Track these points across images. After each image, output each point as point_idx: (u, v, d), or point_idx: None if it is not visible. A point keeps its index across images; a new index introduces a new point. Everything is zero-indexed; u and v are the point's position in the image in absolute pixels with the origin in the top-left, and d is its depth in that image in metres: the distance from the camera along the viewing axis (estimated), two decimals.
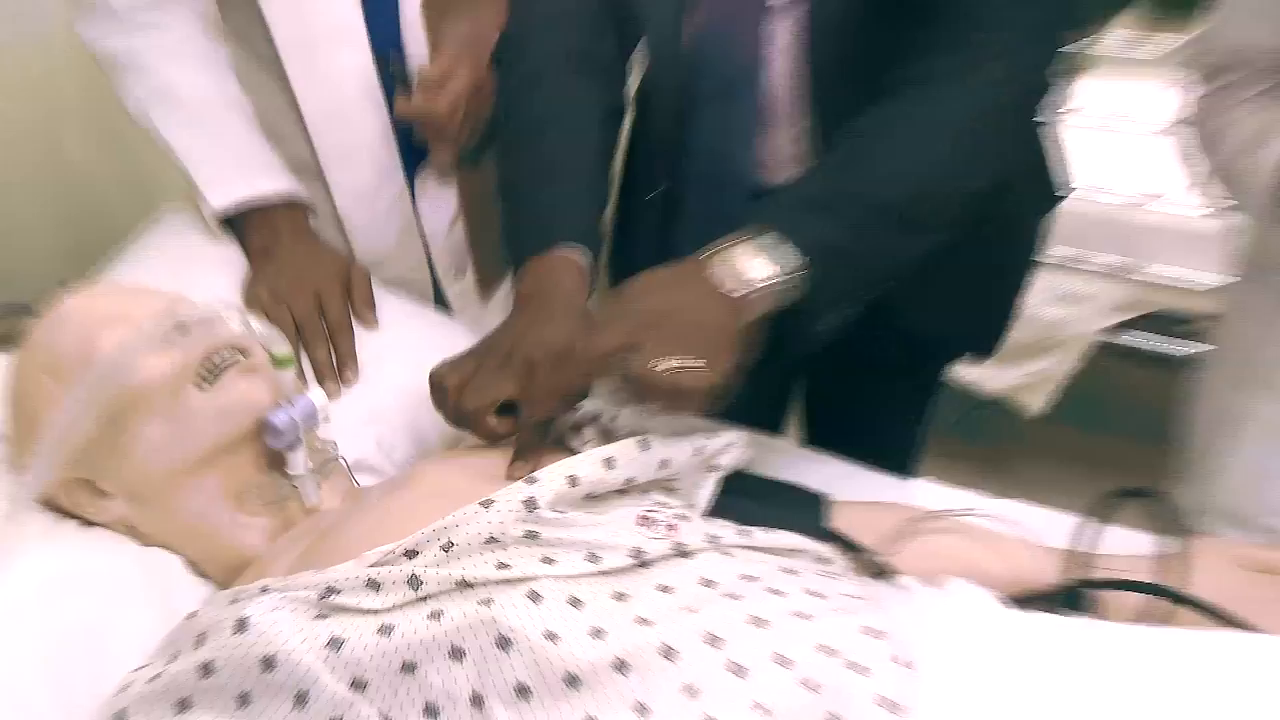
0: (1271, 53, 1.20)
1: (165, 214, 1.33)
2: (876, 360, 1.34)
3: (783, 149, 1.17)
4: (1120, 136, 2.46)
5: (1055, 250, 2.36)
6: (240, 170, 1.27)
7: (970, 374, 2.53)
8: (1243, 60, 1.23)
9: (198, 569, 0.95)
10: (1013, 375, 2.54)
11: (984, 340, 1.40)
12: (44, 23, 1.50)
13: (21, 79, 1.53)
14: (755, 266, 0.94)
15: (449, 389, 0.99)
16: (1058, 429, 2.49)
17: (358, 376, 1.17)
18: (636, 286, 0.98)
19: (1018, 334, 2.47)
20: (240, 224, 1.27)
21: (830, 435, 1.41)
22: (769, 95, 1.14)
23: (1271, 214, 1.17)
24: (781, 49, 1.11)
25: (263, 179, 1.27)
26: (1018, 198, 1.27)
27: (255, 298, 1.19)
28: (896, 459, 1.30)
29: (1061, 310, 2.46)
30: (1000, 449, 2.74)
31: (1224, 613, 0.87)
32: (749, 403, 1.20)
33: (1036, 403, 2.53)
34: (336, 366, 1.16)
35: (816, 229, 0.97)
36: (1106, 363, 2.39)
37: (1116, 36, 3.02)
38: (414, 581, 0.77)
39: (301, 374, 1.09)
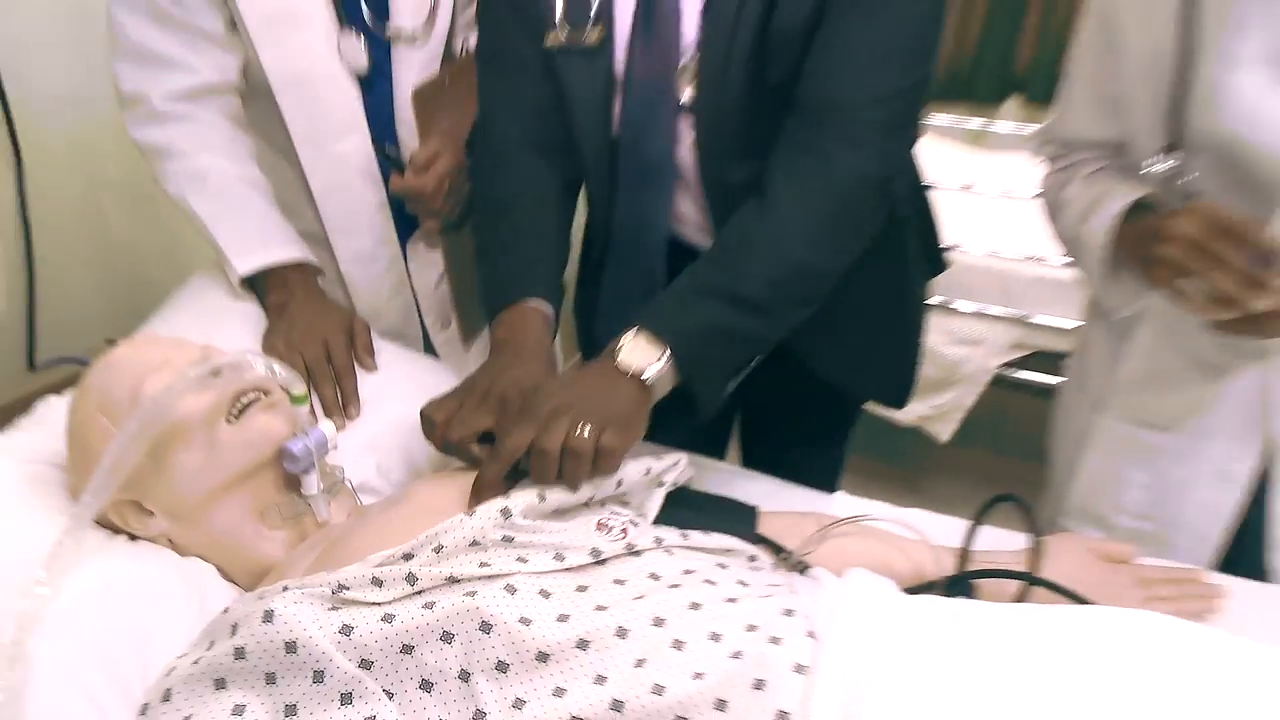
0: (1098, 143, 1.23)
1: (196, 278, 1.33)
2: (803, 399, 1.37)
3: (687, 211, 1.20)
4: (1011, 205, 2.50)
5: (957, 301, 2.44)
6: (260, 240, 1.28)
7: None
8: (1076, 148, 1.26)
9: (227, 575, 0.96)
10: (924, 407, 2.56)
11: (895, 393, 1.41)
12: (94, 113, 1.50)
13: (73, 162, 1.52)
14: (641, 356, 0.97)
15: (437, 422, 1.00)
16: (963, 451, 2.50)
17: (359, 412, 1.17)
18: (562, 381, 1.00)
19: (927, 371, 2.52)
20: (260, 284, 1.27)
21: (763, 458, 1.42)
22: (677, 172, 1.17)
23: (1101, 272, 1.20)
24: (684, 138, 1.14)
25: (278, 247, 1.28)
26: (909, 266, 1.30)
27: (273, 345, 1.20)
28: (821, 478, 1.30)
29: (963, 351, 2.49)
30: (914, 469, 2.76)
31: (1073, 593, 0.92)
32: (696, 432, 1.26)
33: (945, 430, 2.55)
34: (342, 403, 1.17)
35: (686, 322, 1.00)
36: (1002, 394, 2.43)
37: (1007, 122, 3.13)
38: (411, 578, 0.79)
39: (313, 409, 1.08)
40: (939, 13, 1.07)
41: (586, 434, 0.90)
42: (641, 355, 0.97)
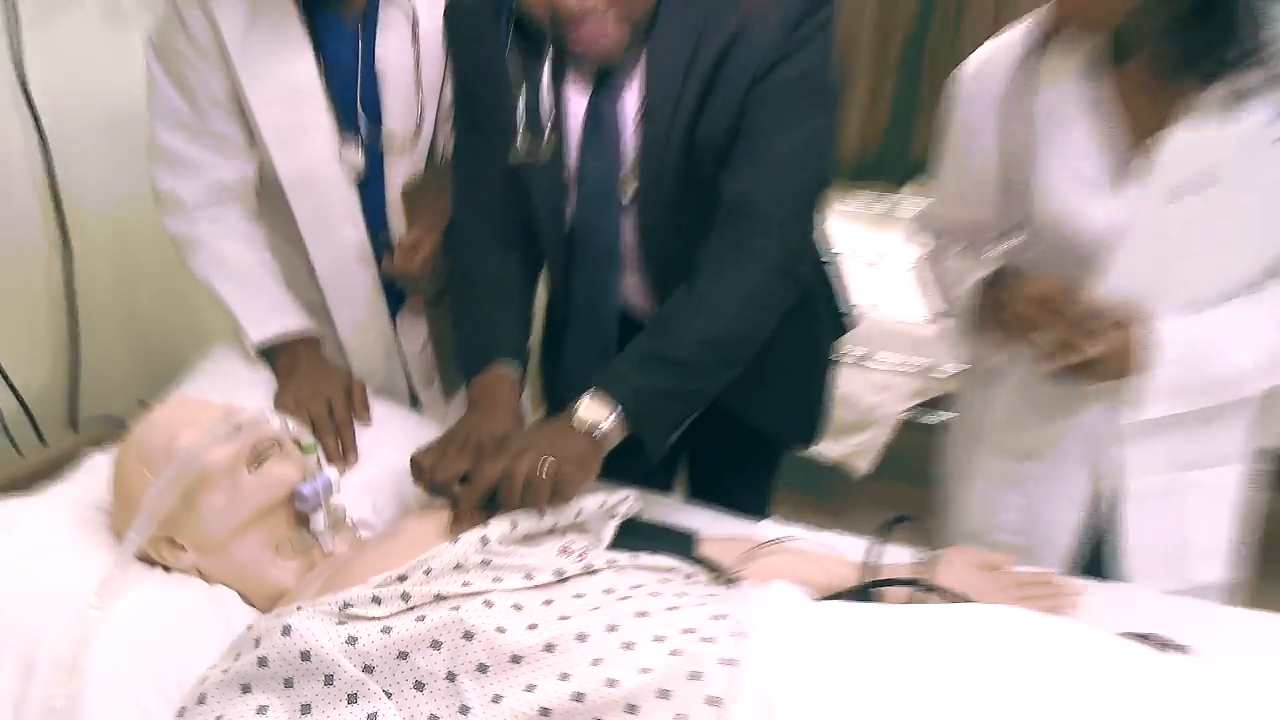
0: (965, 225, 1.26)
1: (216, 348, 1.34)
2: (736, 443, 1.38)
3: (632, 289, 1.22)
4: (913, 275, 2.57)
5: (871, 355, 2.49)
6: (271, 314, 1.29)
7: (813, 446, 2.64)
8: (947, 229, 1.30)
9: (248, 600, 0.97)
10: (844, 446, 2.59)
11: (806, 435, 1.43)
12: (132, 205, 1.50)
13: (114, 247, 1.52)
14: (595, 413, 1.01)
15: (424, 467, 1.02)
16: (880, 483, 2.51)
17: (358, 459, 1.18)
18: (529, 431, 1.04)
19: (846, 415, 2.58)
20: (271, 352, 1.28)
21: (705, 491, 1.43)
22: (624, 257, 1.19)
23: (969, 329, 1.23)
24: (629, 229, 1.16)
25: (287, 320, 1.29)
26: (816, 329, 1.34)
27: (284, 403, 1.21)
28: (752, 507, 1.30)
29: (875, 397, 2.53)
30: (838, 500, 2.76)
31: (958, 594, 0.97)
32: (646, 471, 1.23)
33: (864, 464, 2.57)
34: (342, 452, 1.17)
35: (632, 384, 1.04)
36: (910, 433, 2.45)
37: (909, 203, 3.22)
38: (405, 596, 0.82)
39: (320, 458, 1.09)
40: (833, 127, 1.11)
41: (547, 467, 0.94)
42: (595, 412, 1.01)
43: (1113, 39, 1.01)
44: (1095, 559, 1.21)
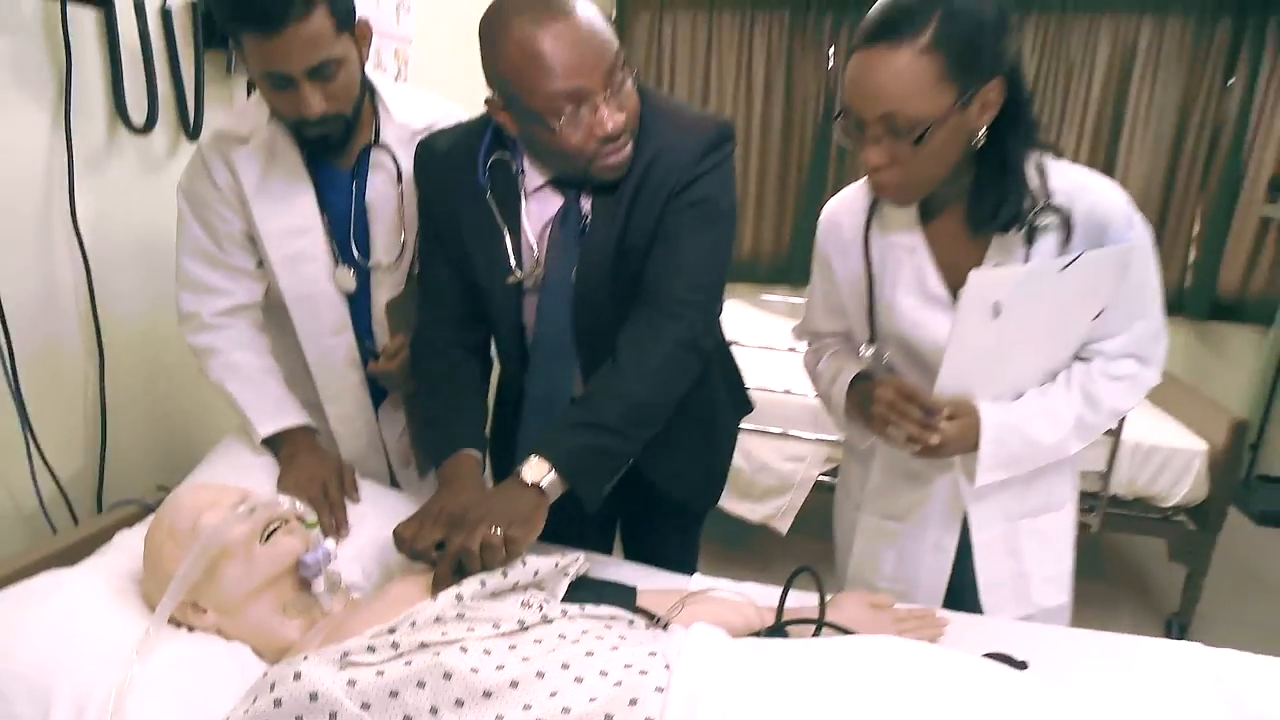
0: (833, 333, 1.34)
1: (225, 440, 1.36)
2: (661, 510, 1.42)
3: (574, 377, 1.26)
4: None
5: (787, 429, 2.56)
6: (275, 412, 1.32)
7: (739, 509, 2.63)
8: (819, 335, 1.37)
9: (259, 653, 0.98)
10: (766, 508, 2.63)
11: (709, 499, 1.46)
12: (155, 319, 1.53)
13: (139, 354, 1.53)
14: (536, 472, 1.05)
15: (405, 538, 1.05)
16: (799, 539, 2.55)
17: (349, 533, 1.20)
18: (484, 499, 1.05)
19: (767, 481, 2.64)
20: (274, 442, 1.31)
21: (639, 552, 1.47)
22: (574, 353, 1.22)
23: (842, 421, 1.31)
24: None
25: (288, 417, 1.32)
26: (716, 407, 1.39)
27: (286, 485, 1.23)
28: (682, 564, 1.34)
29: (791, 465, 2.59)
30: (764, 555, 2.81)
31: (848, 629, 1.03)
32: (589, 537, 1.33)
33: (784, 525, 2.63)
34: (335, 526, 1.19)
35: (567, 445, 1.08)
36: (824, 495, 2.47)
37: None
38: (394, 645, 0.85)
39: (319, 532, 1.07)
40: (729, 237, 1.19)
41: (497, 533, 0.98)
42: (536, 471, 1.05)
43: (926, 200, 1.13)
44: (959, 595, 1.27)
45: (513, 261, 1.17)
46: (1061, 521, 1.27)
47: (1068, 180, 1.09)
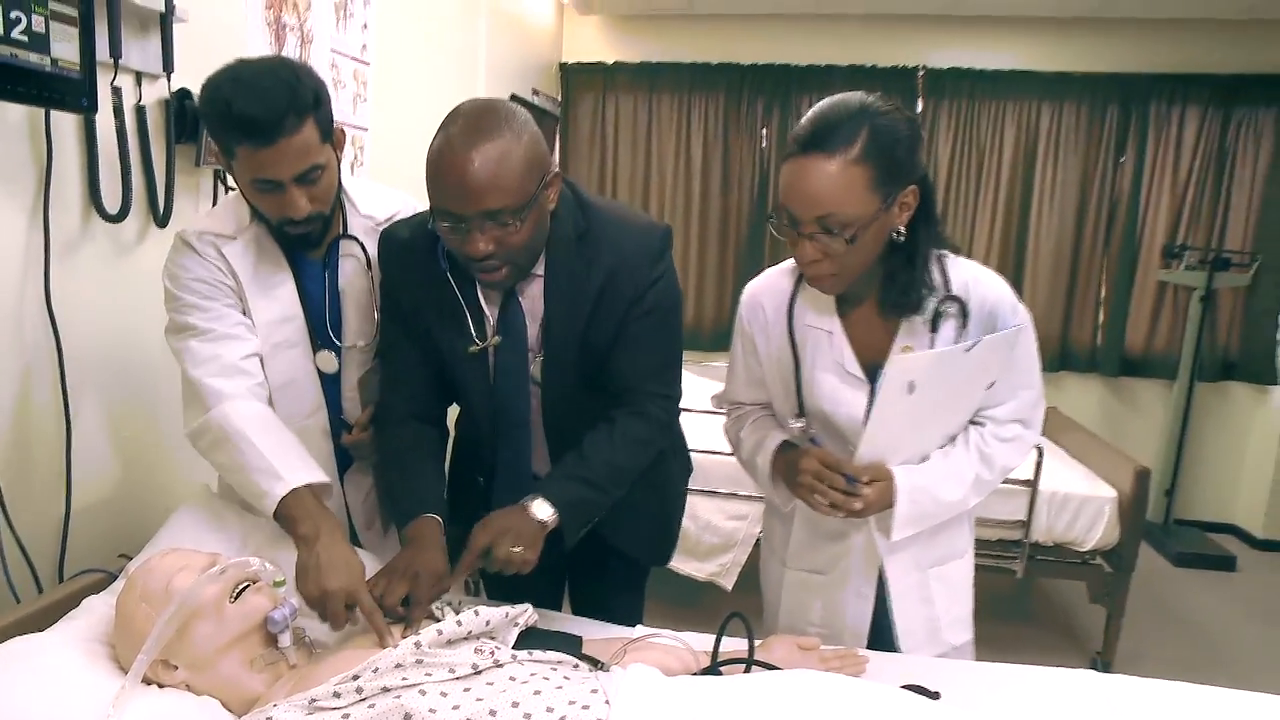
0: (754, 403, 1.42)
1: (182, 508, 1.35)
2: (608, 567, 1.49)
3: (538, 453, 1.35)
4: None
5: (731, 489, 2.65)
6: (302, 466, 1.25)
7: (686, 567, 2.70)
8: (740, 404, 1.44)
9: (228, 706, 1.00)
10: (712, 565, 2.71)
11: (662, 555, 1.54)
12: (121, 399, 1.55)
13: (105, 433, 1.54)
14: (543, 510, 1.18)
15: (375, 594, 1.09)
16: (743, 594, 2.57)
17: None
18: (498, 516, 1.18)
19: (712, 540, 2.73)
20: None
21: (587, 608, 1.50)
22: (529, 423, 1.31)
23: (766, 486, 1.39)
24: (535, 410, 1.30)
25: (315, 472, 1.26)
26: (671, 472, 1.49)
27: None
28: (627, 617, 1.38)
29: (734, 524, 2.68)
30: (710, 610, 2.77)
31: (777, 668, 1.09)
32: (540, 593, 1.36)
33: (729, 581, 2.70)
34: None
35: (564, 492, 1.21)
36: None
37: None
38: (359, 690, 0.90)
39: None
40: (681, 323, 1.34)
41: (517, 548, 1.14)
42: (542, 510, 1.19)
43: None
44: (882, 637, 1.36)
45: (474, 333, 1.26)
46: (962, 568, 1.38)
47: (963, 274, 1.24)
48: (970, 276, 1.24)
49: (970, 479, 1.27)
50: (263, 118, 1.13)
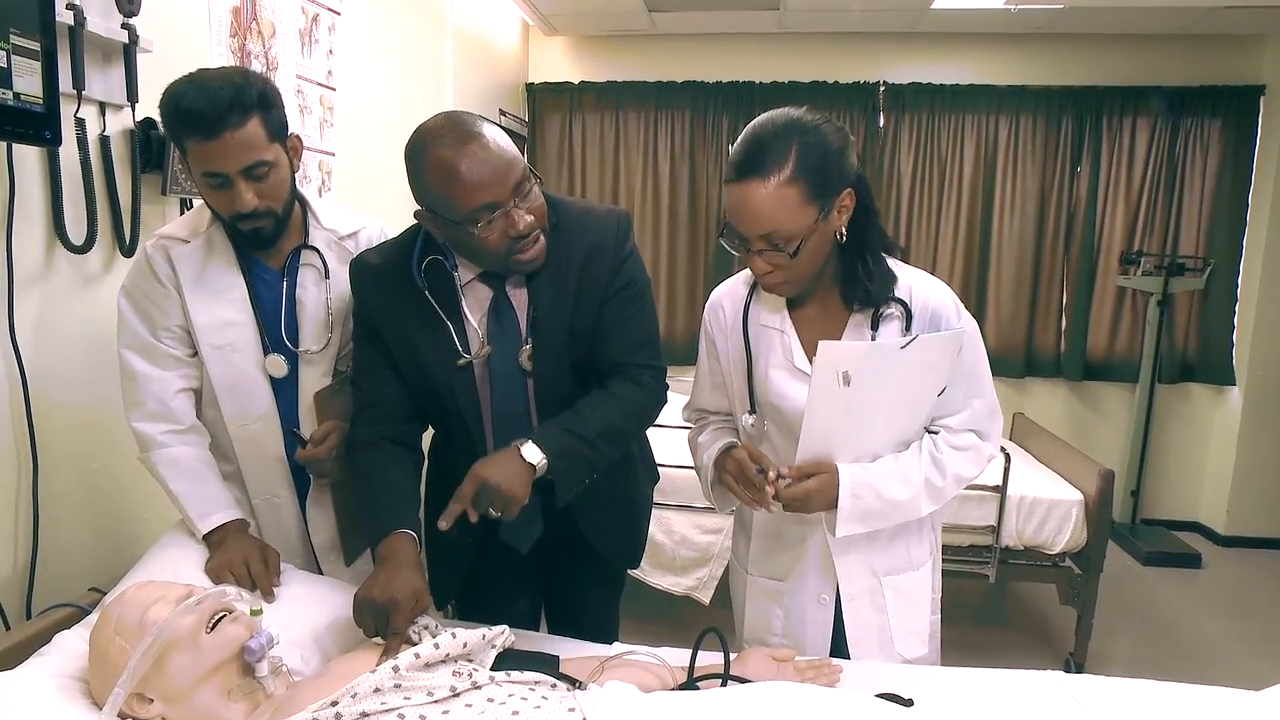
0: (717, 412, 1.45)
1: (167, 535, 1.38)
2: (583, 584, 1.51)
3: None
4: None
5: (707, 504, 2.68)
6: (215, 508, 1.36)
7: (664, 582, 2.71)
8: (704, 413, 1.48)
9: None
10: (689, 580, 2.72)
11: (632, 558, 1.56)
12: (89, 428, 1.56)
13: (73, 463, 1.55)
14: (531, 454, 1.19)
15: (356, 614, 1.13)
16: (719, 609, 2.47)
17: (275, 599, 1.26)
18: (484, 460, 1.19)
19: (688, 554, 2.75)
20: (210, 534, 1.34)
21: (563, 626, 1.54)
22: (530, 418, 1.33)
23: (708, 487, 1.40)
24: (528, 396, 1.33)
25: (225, 512, 1.36)
26: (637, 476, 1.52)
27: (210, 568, 1.29)
28: (603, 635, 1.42)
29: (709, 538, 2.70)
30: (688, 624, 2.86)
31: (750, 680, 1.11)
32: (517, 612, 1.41)
33: (706, 595, 2.72)
34: (262, 594, 1.26)
35: (557, 441, 1.22)
36: None
37: None
38: (338, 716, 0.91)
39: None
40: (653, 300, 1.39)
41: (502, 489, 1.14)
42: (533, 454, 1.19)
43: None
44: (843, 646, 1.37)
45: (459, 346, 1.30)
46: (920, 581, 1.40)
47: (906, 279, 1.30)
48: (913, 281, 1.29)
49: (919, 481, 1.29)
50: (208, 111, 1.22)
